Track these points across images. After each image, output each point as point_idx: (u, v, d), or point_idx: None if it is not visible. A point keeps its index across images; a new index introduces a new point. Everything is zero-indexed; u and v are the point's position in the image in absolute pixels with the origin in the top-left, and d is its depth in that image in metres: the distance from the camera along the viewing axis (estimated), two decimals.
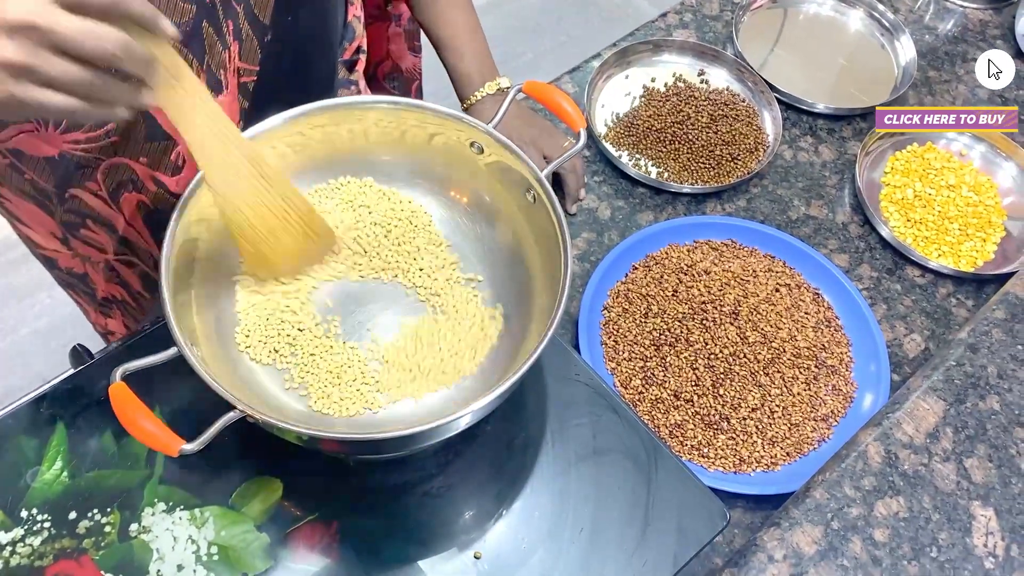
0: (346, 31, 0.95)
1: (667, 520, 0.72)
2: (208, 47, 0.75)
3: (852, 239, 1.08)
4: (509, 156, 0.75)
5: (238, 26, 0.76)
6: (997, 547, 0.76)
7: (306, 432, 0.61)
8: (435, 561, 0.70)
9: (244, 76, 0.80)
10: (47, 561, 0.66)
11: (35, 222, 0.90)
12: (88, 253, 0.93)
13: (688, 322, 0.93)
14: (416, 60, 1.23)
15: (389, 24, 1.17)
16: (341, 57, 0.95)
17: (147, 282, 0.96)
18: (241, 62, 0.79)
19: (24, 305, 1.94)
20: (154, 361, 0.61)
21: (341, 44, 0.94)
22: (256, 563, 0.68)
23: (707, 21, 1.28)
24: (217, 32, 0.74)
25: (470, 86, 1.02)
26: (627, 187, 1.09)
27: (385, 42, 1.18)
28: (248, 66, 0.79)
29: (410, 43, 1.21)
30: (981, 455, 0.81)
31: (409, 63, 1.23)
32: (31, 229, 0.92)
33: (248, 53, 0.79)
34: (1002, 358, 0.88)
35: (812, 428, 0.90)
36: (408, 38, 1.20)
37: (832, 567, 0.74)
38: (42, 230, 0.92)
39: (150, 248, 0.90)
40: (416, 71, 1.25)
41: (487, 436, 0.76)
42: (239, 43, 0.77)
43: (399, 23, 1.18)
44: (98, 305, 1.02)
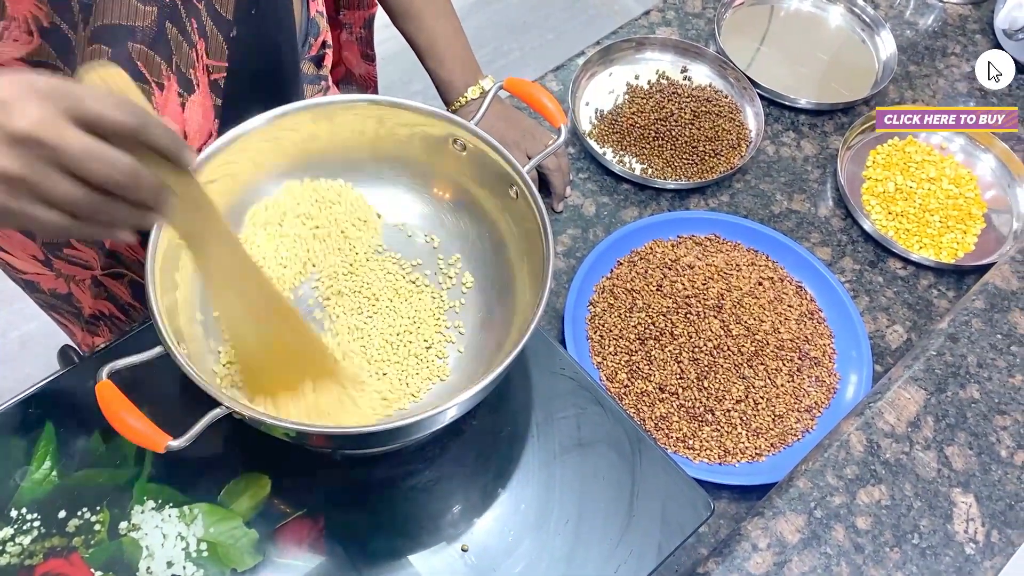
0: (310, 26, 0.94)
1: (652, 511, 0.73)
2: (175, 47, 0.74)
3: (834, 232, 1.09)
4: (491, 152, 0.76)
5: (202, 23, 0.75)
6: (978, 533, 0.78)
7: (292, 427, 0.62)
8: (423, 555, 0.70)
9: (214, 73, 0.79)
10: (37, 560, 0.67)
11: (14, 247, 0.88)
12: (72, 272, 0.90)
13: (672, 316, 0.94)
14: (371, 68, 1.22)
15: (341, 32, 1.16)
16: (308, 53, 0.95)
17: (136, 291, 0.95)
18: (209, 59, 0.78)
19: (13, 309, 1.93)
20: (141, 359, 0.62)
21: (307, 40, 0.94)
22: (245, 559, 0.68)
23: (689, 18, 1.29)
24: (181, 31, 0.73)
25: (453, 92, 1.02)
26: (611, 184, 1.09)
27: (338, 49, 1.17)
28: (216, 63, 0.79)
29: (363, 50, 1.19)
30: (961, 443, 0.82)
31: (363, 70, 1.22)
32: (10, 255, 0.90)
33: (215, 49, 0.78)
34: (982, 347, 0.89)
35: (796, 419, 0.91)
36: (362, 45, 1.18)
37: (815, 555, 0.75)
38: (23, 254, 0.89)
39: (138, 255, 0.89)
40: (371, 79, 1.23)
41: (473, 430, 0.76)
42: (204, 40, 0.76)
43: (351, 32, 1.16)
44: (85, 323, 1.00)
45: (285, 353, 0.70)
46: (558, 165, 1.04)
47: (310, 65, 0.96)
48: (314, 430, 0.66)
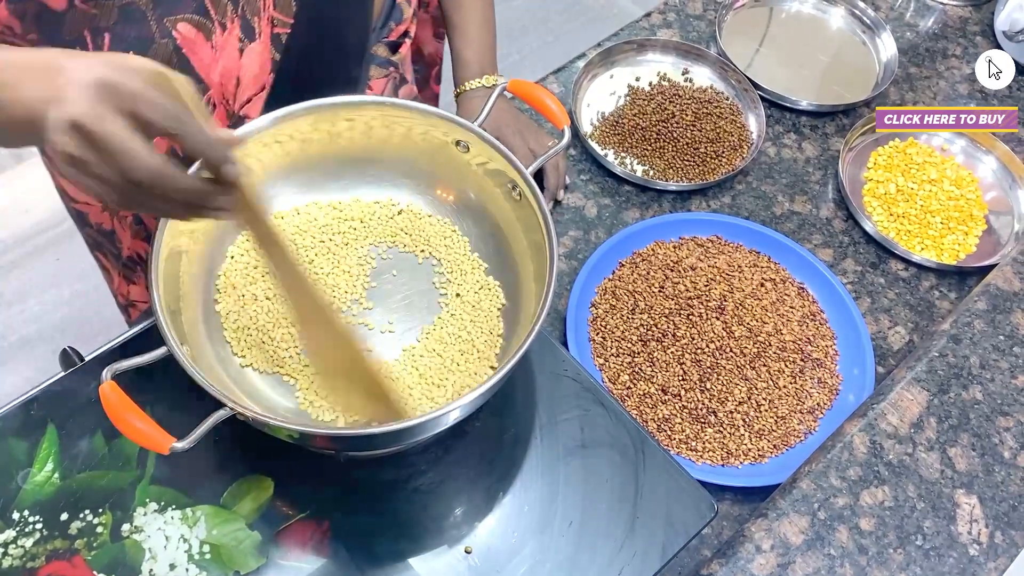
0: (394, 12, 0.96)
1: (655, 512, 0.73)
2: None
3: (836, 234, 1.09)
4: (495, 154, 0.76)
5: None
6: (981, 534, 0.77)
7: (296, 429, 0.62)
8: (426, 556, 0.70)
9: (278, 27, 0.80)
10: (39, 563, 0.66)
11: None
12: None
13: (675, 318, 0.94)
14: (439, 46, 1.25)
15: (419, 10, 1.18)
16: (385, 37, 0.96)
17: None
18: (276, 11, 0.79)
19: (13, 312, 1.93)
20: (144, 361, 0.62)
21: (387, 24, 0.95)
22: (248, 561, 0.68)
23: (690, 20, 1.29)
24: None
25: (468, 72, 1.04)
26: (613, 185, 1.09)
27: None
28: (282, 17, 0.80)
29: (435, 29, 1.23)
30: (964, 444, 0.82)
31: (432, 48, 1.25)
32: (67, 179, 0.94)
33: (283, 4, 0.79)
34: (984, 348, 0.89)
35: (798, 420, 0.90)
36: (434, 24, 1.22)
37: (819, 556, 0.75)
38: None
39: None
40: (438, 57, 1.26)
41: (477, 432, 0.76)
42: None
43: (427, 10, 1.20)
44: (122, 267, 1.04)
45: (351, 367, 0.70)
46: (556, 164, 1.04)
47: (384, 48, 0.97)
48: (316, 431, 0.65)
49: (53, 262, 2.01)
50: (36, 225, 2.06)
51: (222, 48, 0.77)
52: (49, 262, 2.01)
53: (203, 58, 0.76)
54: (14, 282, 1.97)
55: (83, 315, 1.94)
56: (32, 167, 2.16)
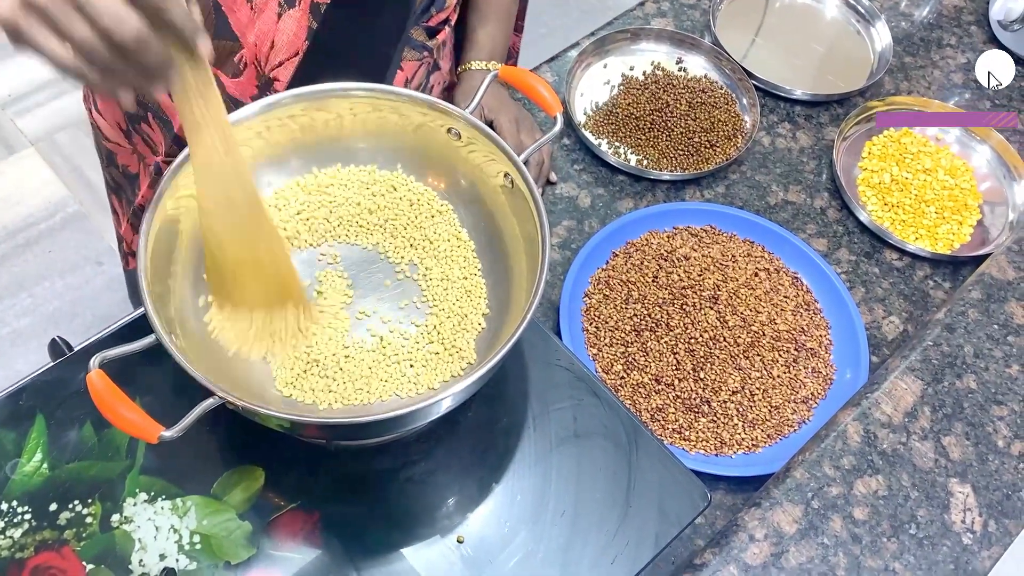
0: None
1: (648, 502, 0.72)
2: None
3: (830, 224, 1.08)
4: (486, 141, 0.75)
5: None
6: (975, 523, 0.77)
7: (287, 417, 0.61)
8: (418, 546, 0.70)
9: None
10: (28, 553, 0.66)
11: (106, 110, 0.95)
12: (144, 152, 0.96)
13: (668, 307, 0.94)
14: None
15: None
16: (425, 22, 0.95)
17: None
18: None
19: (4, 305, 1.92)
20: (133, 349, 0.61)
21: (429, 9, 0.94)
22: (238, 551, 0.68)
23: (684, 9, 1.29)
24: None
25: (474, 52, 1.04)
26: (607, 175, 1.09)
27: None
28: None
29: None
30: (958, 433, 0.82)
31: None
32: (103, 117, 0.96)
33: None
34: (978, 338, 0.89)
35: (792, 410, 0.90)
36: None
37: (813, 545, 0.75)
38: (111, 119, 0.96)
39: None
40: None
41: (469, 421, 0.76)
42: None
43: None
44: (132, 214, 1.05)
45: (254, 267, 0.69)
46: (539, 159, 1.03)
47: (421, 32, 0.96)
48: (307, 420, 0.65)
49: (45, 255, 2.00)
50: (27, 217, 2.05)
51: (261, 10, 0.79)
52: (41, 255, 2.00)
53: (240, 18, 0.78)
54: (5, 275, 1.96)
55: (75, 308, 1.93)
56: (24, 158, 2.15)
